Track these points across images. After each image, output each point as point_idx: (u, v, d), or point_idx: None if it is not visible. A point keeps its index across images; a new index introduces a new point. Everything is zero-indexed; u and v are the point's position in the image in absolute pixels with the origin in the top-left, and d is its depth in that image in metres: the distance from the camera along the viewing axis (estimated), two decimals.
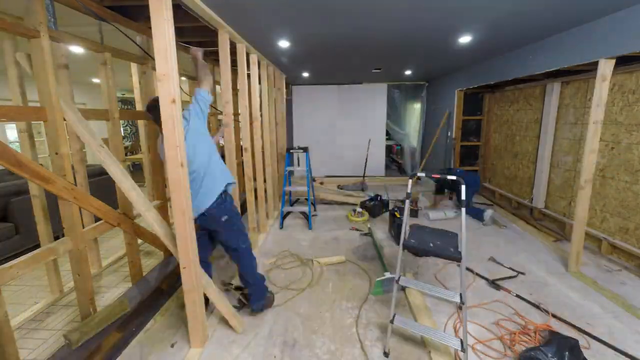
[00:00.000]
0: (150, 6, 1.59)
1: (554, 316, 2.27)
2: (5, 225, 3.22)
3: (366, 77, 6.23)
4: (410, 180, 1.97)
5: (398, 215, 3.69)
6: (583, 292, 2.57)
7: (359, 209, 4.59)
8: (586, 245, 3.31)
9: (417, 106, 7.26)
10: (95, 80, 6.58)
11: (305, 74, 5.63)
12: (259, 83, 3.79)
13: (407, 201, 2.00)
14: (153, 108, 2.00)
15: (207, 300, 2.14)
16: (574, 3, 2.24)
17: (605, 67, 2.53)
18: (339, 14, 2.43)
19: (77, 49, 3.22)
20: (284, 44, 3.28)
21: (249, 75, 3.37)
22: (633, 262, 2.98)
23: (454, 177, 1.89)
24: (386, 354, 1.96)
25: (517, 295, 2.52)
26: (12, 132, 5.94)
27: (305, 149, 4.50)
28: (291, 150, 4.53)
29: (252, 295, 2.34)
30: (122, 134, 9.08)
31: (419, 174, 2.07)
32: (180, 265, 1.88)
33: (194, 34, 3.04)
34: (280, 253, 3.42)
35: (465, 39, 3.18)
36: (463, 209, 1.84)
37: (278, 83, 4.92)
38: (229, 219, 2.19)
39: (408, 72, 5.64)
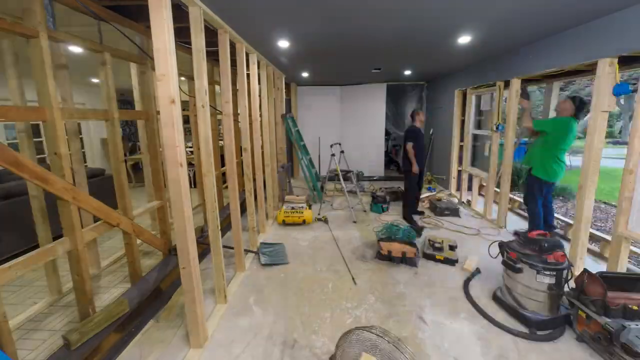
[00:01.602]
0: (150, 6, 1.58)
1: None
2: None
3: (366, 77, 6.23)
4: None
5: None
6: None
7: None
8: None
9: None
10: (95, 80, 6.57)
11: (305, 74, 5.62)
12: (259, 83, 3.79)
13: None
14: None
15: None
16: (574, 3, 2.24)
17: (605, 67, 2.52)
18: (339, 14, 2.43)
19: (76, 49, 3.21)
20: (283, 44, 3.28)
21: (248, 75, 3.37)
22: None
23: None
24: None
25: None
26: (10, 132, 5.92)
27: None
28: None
29: None
30: (122, 134, 9.05)
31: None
32: (180, 265, 1.87)
33: None
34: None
35: (464, 39, 3.18)
36: None
37: (277, 83, 4.91)
38: None
39: (408, 72, 5.64)
